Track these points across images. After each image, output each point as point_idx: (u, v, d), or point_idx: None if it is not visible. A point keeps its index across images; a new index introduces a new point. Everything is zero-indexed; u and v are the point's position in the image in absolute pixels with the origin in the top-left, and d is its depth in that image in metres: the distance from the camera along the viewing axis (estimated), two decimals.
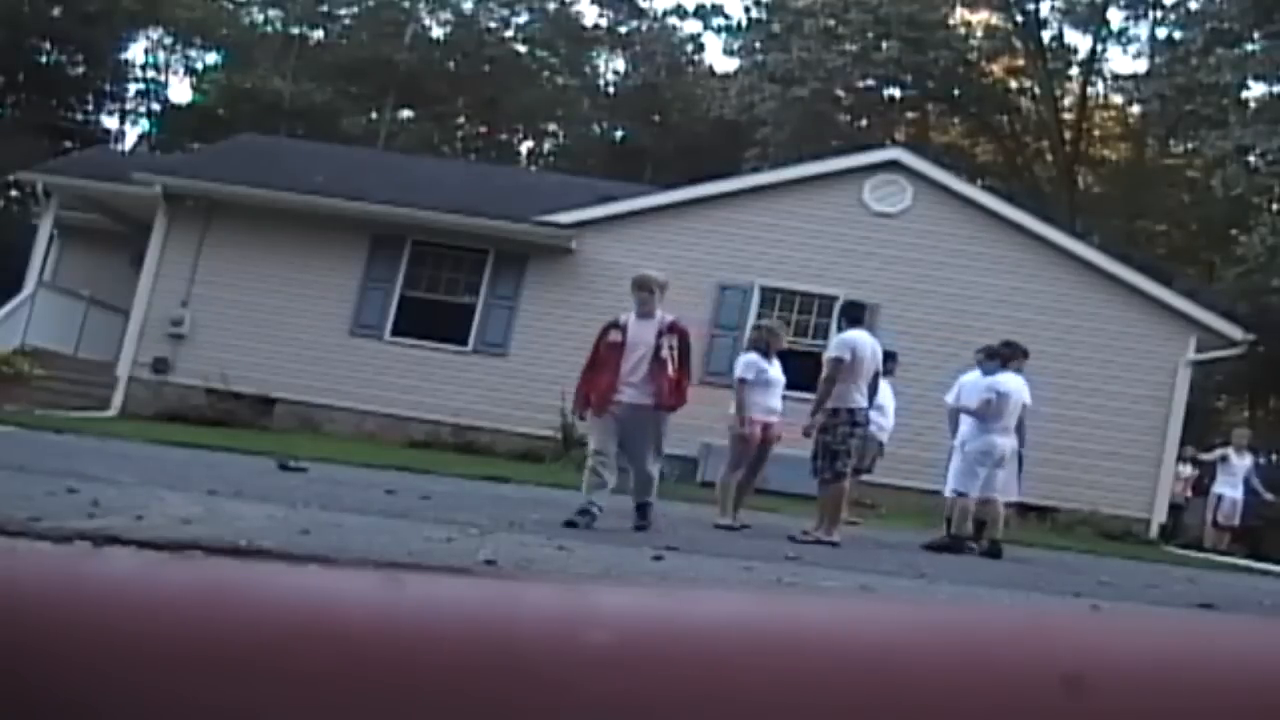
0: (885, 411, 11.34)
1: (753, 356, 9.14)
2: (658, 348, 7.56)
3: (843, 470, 8.52)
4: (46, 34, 33.31)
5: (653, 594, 0.39)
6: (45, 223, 18.38)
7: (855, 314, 9.16)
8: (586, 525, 7.19)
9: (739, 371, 9.12)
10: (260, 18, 40.23)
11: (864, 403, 8.68)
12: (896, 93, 33.78)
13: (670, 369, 7.55)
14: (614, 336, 7.75)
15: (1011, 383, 9.52)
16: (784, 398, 9.30)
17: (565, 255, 16.01)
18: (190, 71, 40.03)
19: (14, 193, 30.75)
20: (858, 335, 8.79)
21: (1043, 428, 15.19)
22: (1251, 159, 25.14)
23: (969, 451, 9.59)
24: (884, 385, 11.35)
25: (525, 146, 42.80)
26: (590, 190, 17.56)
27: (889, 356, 11.47)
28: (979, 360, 9.95)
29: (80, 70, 35.16)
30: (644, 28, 40.67)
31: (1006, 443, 9.58)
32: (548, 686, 0.36)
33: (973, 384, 9.87)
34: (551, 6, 40.14)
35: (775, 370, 9.16)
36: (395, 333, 16.12)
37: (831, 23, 30.53)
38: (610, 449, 7.57)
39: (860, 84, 32.40)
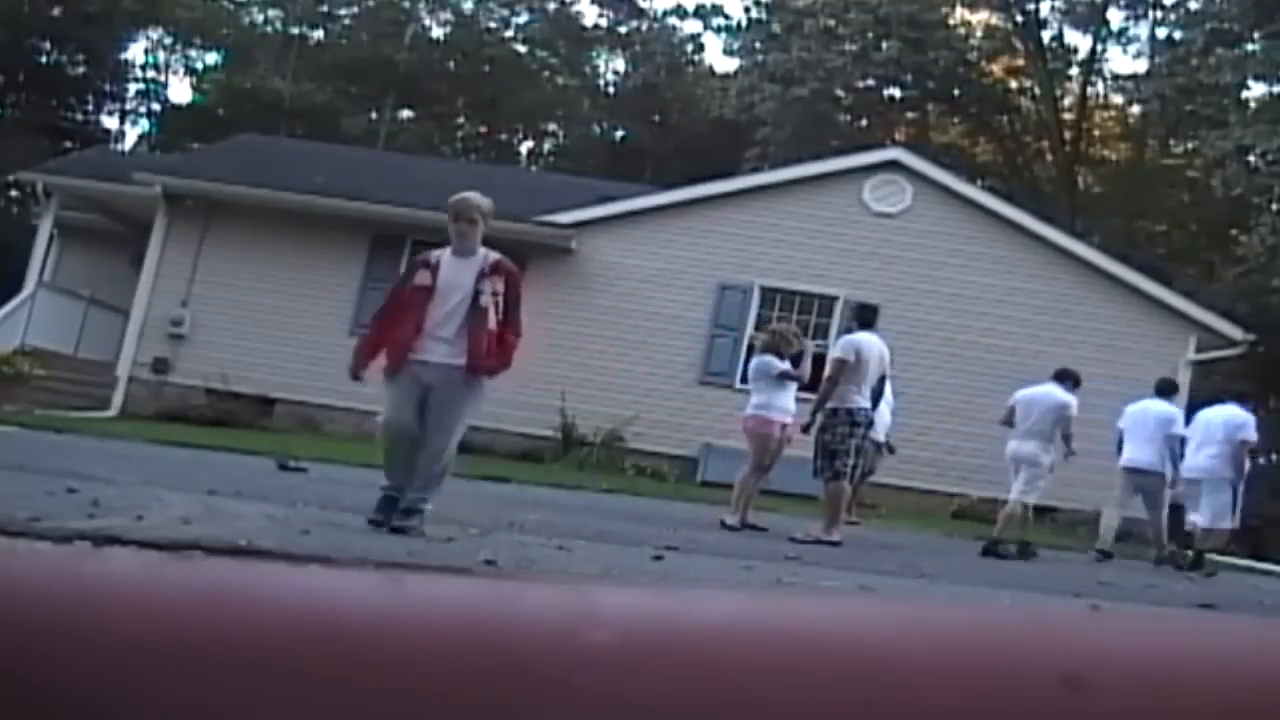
0: (882, 412, 11.38)
1: (769, 358, 9.17)
2: (477, 294, 6.03)
3: (843, 470, 8.52)
4: (46, 34, 33.32)
5: (653, 594, 0.39)
6: (45, 223, 18.38)
7: (867, 316, 9.19)
8: (422, 524, 5.88)
9: (769, 370, 9.11)
10: (260, 18, 40.23)
11: (865, 404, 8.68)
12: (896, 93, 33.78)
13: (492, 321, 6.06)
14: (421, 278, 6.13)
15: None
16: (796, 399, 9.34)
17: (565, 255, 16.01)
18: (190, 71, 40.04)
19: (14, 193, 30.75)
20: (865, 338, 8.79)
21: None
22: (1251, 159, 25.15)
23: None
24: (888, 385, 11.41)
25: (525, 146, 42.80)
26: (590, 190, 17.56)
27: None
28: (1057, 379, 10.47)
29: (80, 70, 35.17)
30: (644, 28, 40.67)
31: (1018, 446, 10.07)
32: (548, 686, 0.36)
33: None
34: (551, 6, 40.14)
35: (787, 366, 9.21)
36: None
37: (831, 23, 30.53)
38: (408, 421, 5.96)
39: (860, 84, 32.40)
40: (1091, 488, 15.06)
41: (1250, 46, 26.09)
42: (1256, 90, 27.13)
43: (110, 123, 37.87)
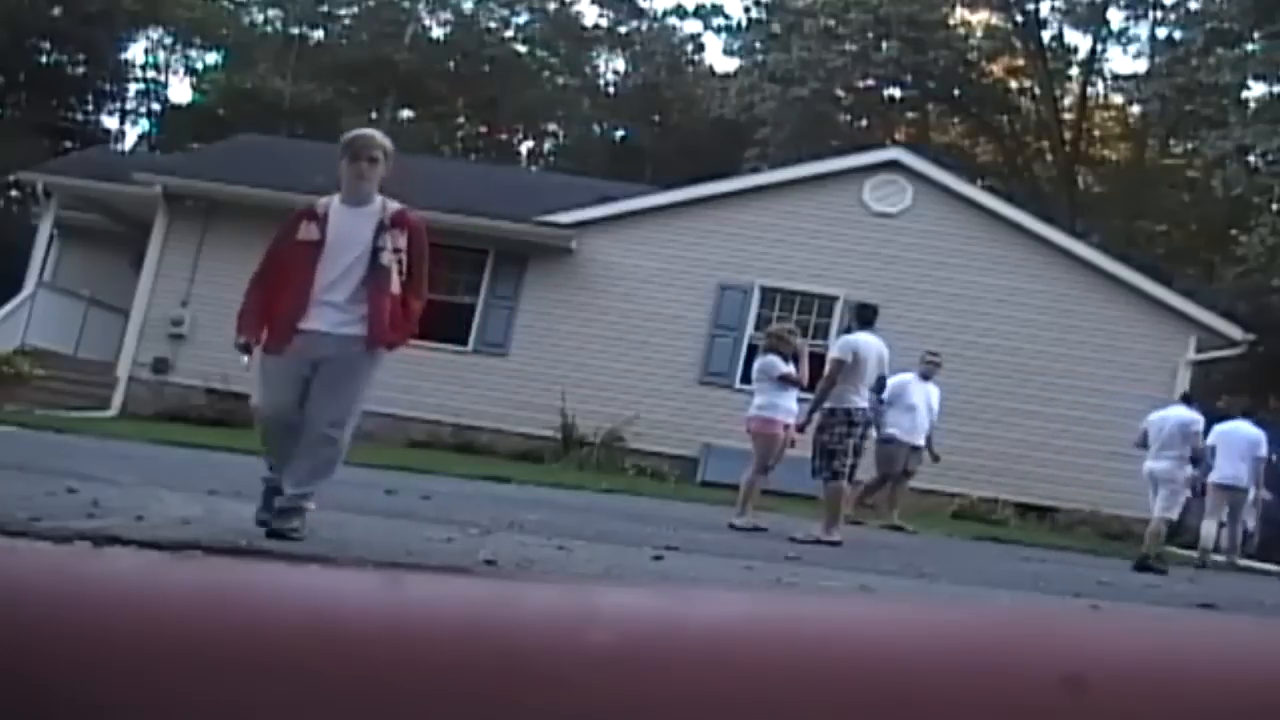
0: (917, 413, 11.43)
1: (772, 358, 9.18)
2: (377, 251, 5.10)
3: (841, 470, 8.53)
4: (46, 34, 33.31)
5: (653, 594, 0.39)
6: (45, 223, 18.38)
7: (867, 316, 9.21)
8: (303, 527, 4.98)
9: (772, 371, 9.12)
10: (260, 18, 40.24)
11: (863, 404, 8.69)
12: (896, 93, 33.79)
13: (394, 284, 5.12)
14: (307, 232, 5.14)
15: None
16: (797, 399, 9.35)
17: (565, 255, 16.01)
18: (190, 71, 40.03)
19: (14, 193, 30.75)
20: (863, 338, 8.79)
21: (1043, 428, 15.25)
22: (1251, 159, 25.15)
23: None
24: (923, 387, 11.44)
25: (525, 146, 42.81)
26: (590, 190, 17.56)
27: (928, 356, 11.62)
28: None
29: (80, 70, 35.16)
30: (644, 28, 40.67)
31: (1154, 465, 10.62)
32: (548, 686, 0.36)
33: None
34: (551, 6, 40.15)
35: (790, 369, 9.22)
36: None
37: (831, 23, 30.53)
38: (291, 404, 5.04)
39: (860, 84, 32.41)
40: (1088, 487, 15.08)
41: (1250, 46, 26.08)
42: (1256, 90, 27.13)
43: (110, 123, 37.89)
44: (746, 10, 37.19)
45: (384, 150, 5.31)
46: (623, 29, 40.83)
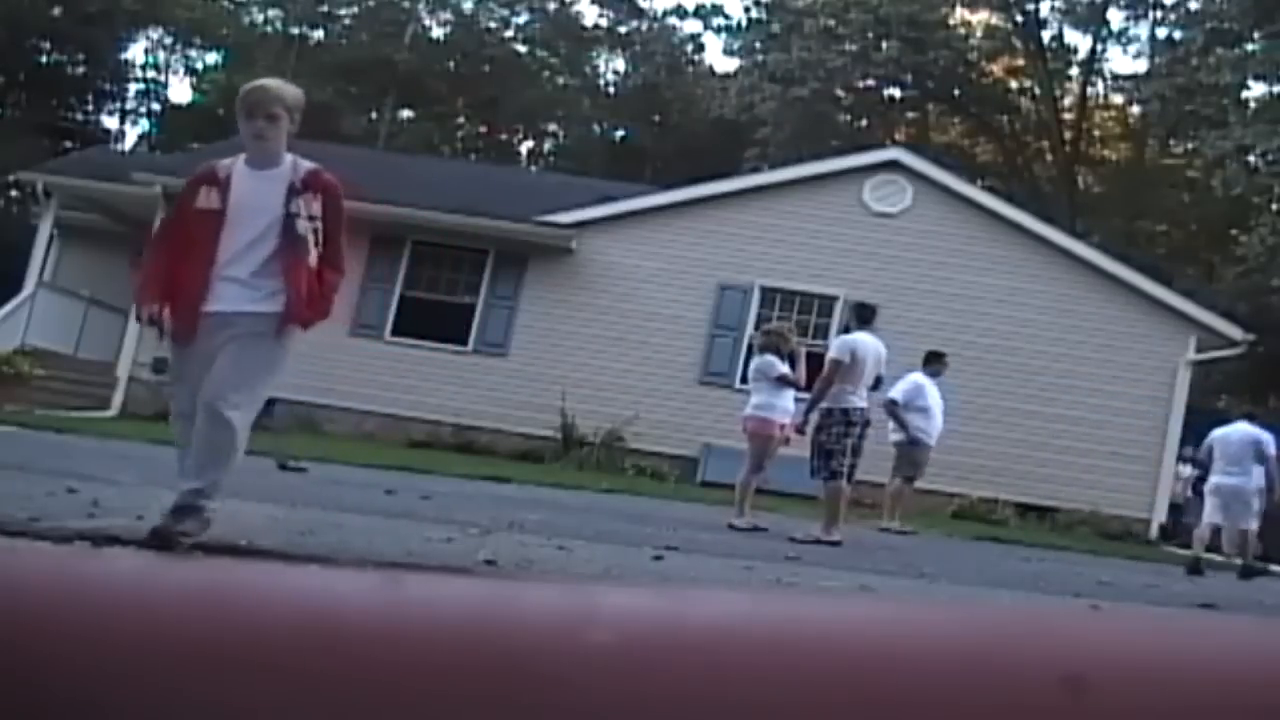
0: (932, 414, 11.41)
1: (769, 358, 9.17)
2: (289, 218, 4.51)
3: (839, 470, 8.52)
4: (46, 34, 33.32)
5: (653, 594, 0.39)
6: (45, 223, 18.37)
7: (865, 315, 9.21)
8: (199, 530, 4.34)
9: (770, 371, 9.11)
10: (260, 18, 40.25)
11: (861, 404, 8.69)
12: (896, 93, 33.81)
13: (310, 256, 4.54)
14: (207, 199, 4.54)
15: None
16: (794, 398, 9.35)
17: (565, 255, 16.01)
18: (190, 71, 40.07)
19: (14, 193, 30.76)
20: (861, 338, 8.79)
21: (1043, 428, 15.26)
22: (1251, 159, 25.16)
23: None
24: (931, 386, 11.43)
25: (525, 146, 42.82)
26: (590, 190, 17.57)
27: (937, 357, 11.59)
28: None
29: (80, 70, 35.18)
30: (644, 28, 40.69)
31: (1221, 481, 10.79)
32: (548, 686, 0.36)
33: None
34: (551, 6, 40.16)
35: (787, 370, 9.22)
36: (395, 333, 16.12)
37: (831, 23, 30.54)
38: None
39: (860, 84, 32.42)
40: (1088, 487, 15.09)
41: (1250, 46, 26.09)
42: (1256, 90, 27.15)
43: (110, 123, 37.91)
44: (746, 10, 37.23)
45: (285, 104, 4.52)
46: (623, 29, 40.85)
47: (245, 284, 4.49)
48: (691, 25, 44.61)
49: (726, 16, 41.24)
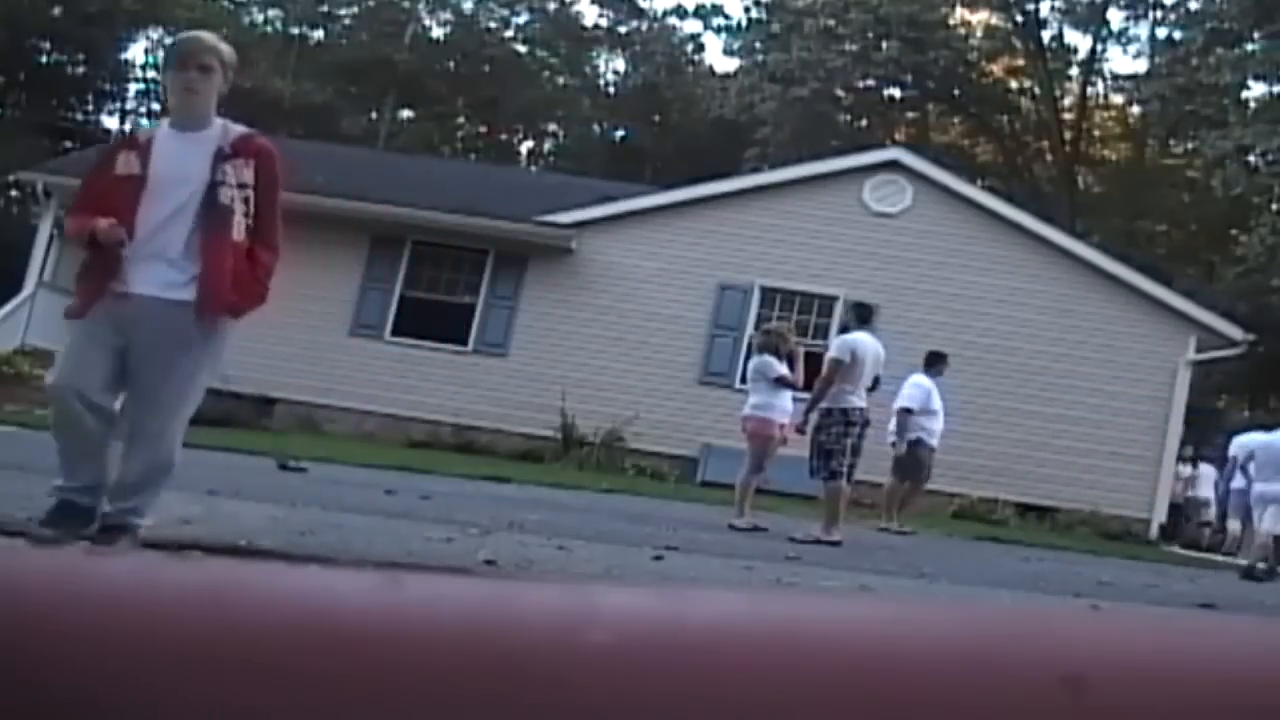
0: (938, 416, 11.41)
1: (767, 358, 9.17)
2: (215, 186, 3.99)
3: (839, 469, 8.53)
4: (46, 34, 33.32)
5: (653, 594, 0.39)
6: (45, 223, 18.36)
7: (864, 315, 9.23)
8: (78, 530, 3.89)
9: (768, 372, 9.12)
10: (260, 18, 40.25)
11: (860, 404, 8.69)
12: (896, 93, 33.82)
13: (238, 229, 4.03)
14: (126, 164, 4.03)
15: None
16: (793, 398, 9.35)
17: (565, 255, 16.01)
18: None
19: (14, 193, 30.75)
20: (860, 338, 8.80)
21: (1043, 428, 15.25)
22: (1251, 159, 25.17)
23: None
24: (935, 388, 11.42)
25: (525, 146, 42.83)
26: (590, 190, 17.57)
27: (939, 357, 11.57)
28: None
29: (80, 70, 35.18)
30: (644, 28, 40.69)
31: (1265, 488, 10.98)
32: (548, 686, 0.36)
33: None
34: (551, 6, 40.16)
35: (785, 371, 9.22)
36: (395, 333, 16.12)
37: (831, 23, 30.55)
38: (93, 384, 3.90)
39: (860, 84, 32.43)
40: (1088, 487, 15.08)
41: (1250, 46, 26.11)
42: (1256, 90, 27.16)
43: (110, 123, 37.88)
44: (746, 10, 37.24)
45: (220, 57, 4.12)
46: (623, 29, 40.85)
47: (171, 264, 3.94)
48: (691, 25, 44.67)
49: (726, 16, 41.28)
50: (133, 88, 38.34)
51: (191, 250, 3.97)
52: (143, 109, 39.14)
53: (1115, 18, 33.28)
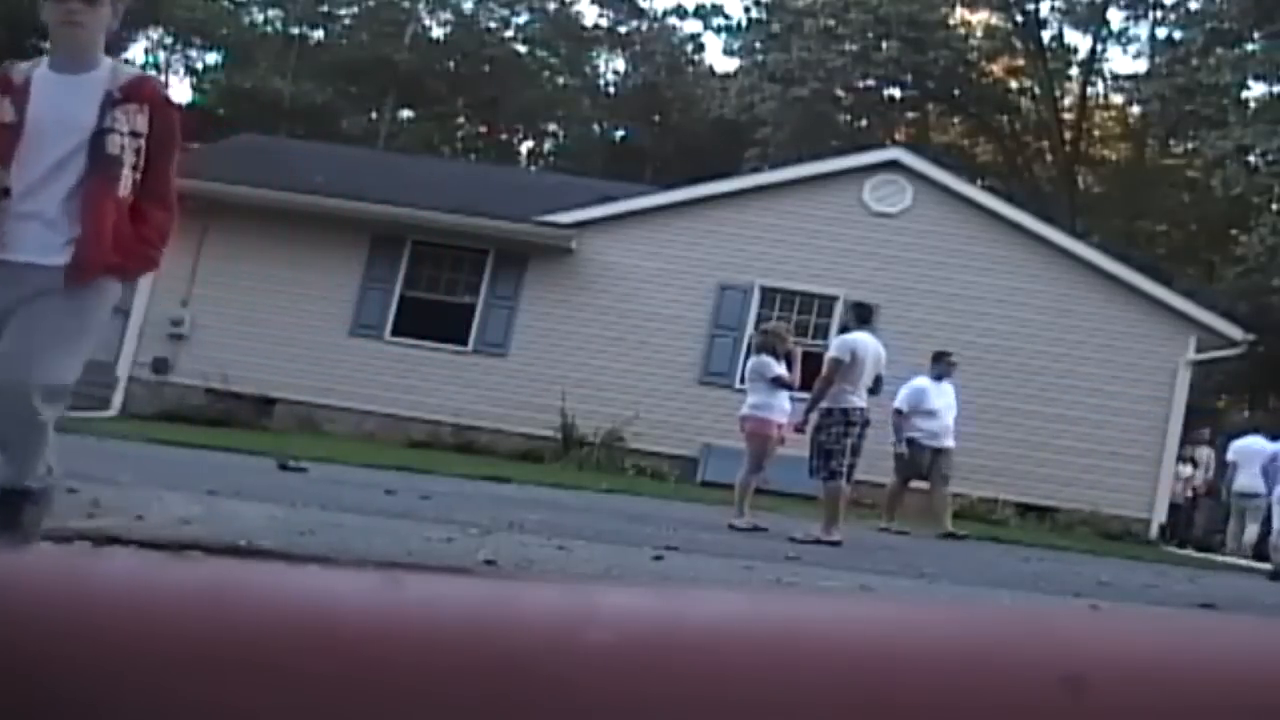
0: (939, 417, 11.31)
1: (765, 358, 9.17)
2: (102, 135, 3.51)
3: (839, 469, 8.53)
4: (46, 34, 33.27)
5: (653, 594, 0.39)
6: None
7: (863, 315, 9.23)
8: (44, 514, 3.66)
9: (765, 372, 9.12)
10: (260, 18, 40.25)
11: (860, 403, 8.69)
12: (896, 93, 33.81)
13: (124, 183, 3.55)
14: None
15: None
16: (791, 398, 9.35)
17: (565, 255, 16.01)
18: (190, 71, 40.06)
19: None
20: (860, 337, 8.80)
21: (1043, 428, 15.25)
22: (1251, 159, 25.17)
23: None
24: (940, 389, 11.33)
25: (525, 146, 42.83)
26: (590, 190, 17.57)
27: (941, 357, 11.53)
28: None
29: None
30: (644, 28, 40.69)
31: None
32: (548, 686, 0.36)
33: None
34: (551, 6, 40.16)
35: (782, 372, 9.22)
36: (395, 333, 16.13)
37: (831, 23, 30.55)
38: None
39: (860, 84, 32.42)
40: (1088, 487, 15.08)
41: (1250, 46, 26.11)
42: (1256, 90, 27.16)
43: None
44: (746, 10, 37.24)
45: None
46: (623, 29, 40.85)
47: (49, 224, 3.49)
48: (691, 25, 44.59)
49: (726, 16, 41.27)
50: None
51: (72, 209, 3.51)
52: None
53: (1115, 18, 33.30)
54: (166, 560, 0.42)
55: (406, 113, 40.51)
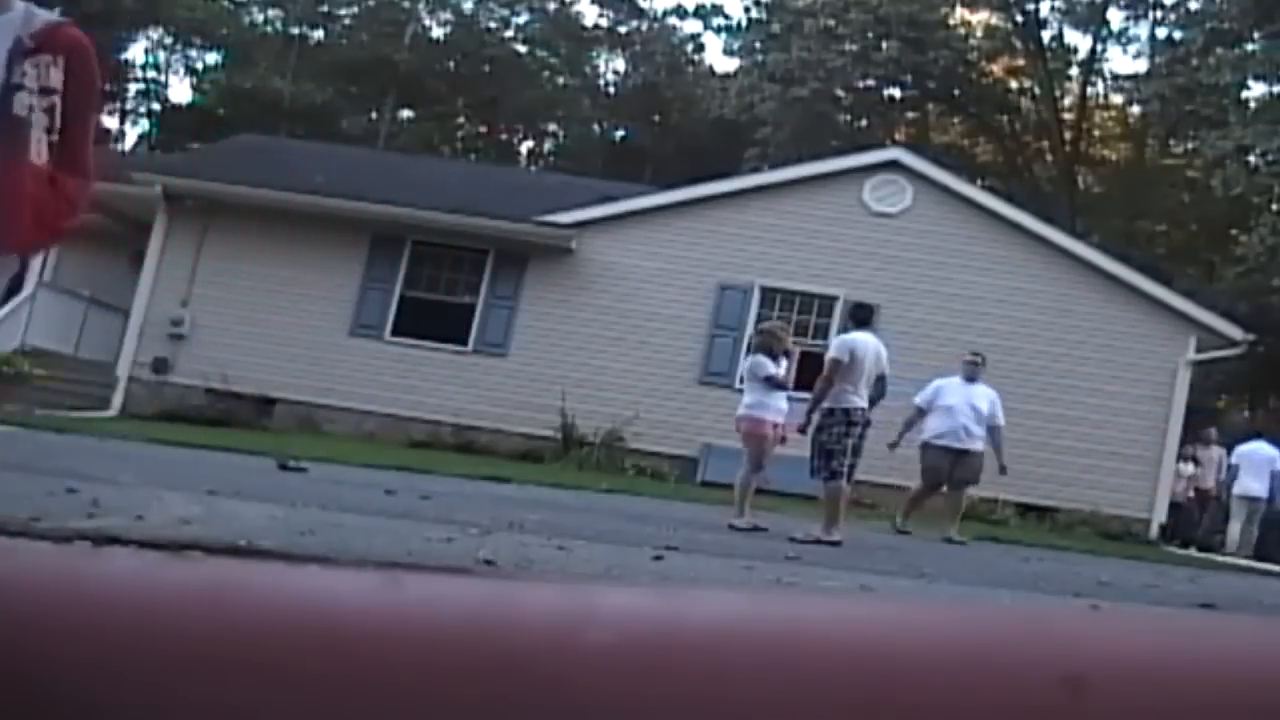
0: (954, 415, 11.00)
1: (762, 358, 9.17)
2: (10, 93, 3.03)
3: (839, 469, 8.52)
4: None
5: (653, 594, 0.39)
6: None
7: (863, 315, 9.21)
8: None
9: (758, 371, 9.11)
10: (260, 18, 40.26)
11: (861, 404, 8.68)
12: (896, 93, 33.82)
13: (37, 146, 3.06)
14: None
15: None
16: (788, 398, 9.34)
17: (565, 255, 16.01)
18: (190, 71, 40.08)
19: None
20: (860, 337, 8.79)
21: (1043, 428, 15.24)
22: (1251, 159, 25.17)
23: None
24: (964, 389, 11.15)
25: (525, 146, 42.84)
26: (590, 190, 17.57)
27: (970, 360, 11.33)
28: None
29: None
30: (644, 28, 40.70)
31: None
32: (548, 686, 0.36)
33: None
34: (551, 6, 40.17)
35: (775, 371, 9.20)
36: (395, 333, 16.13)
37: (831, 23, 30.55)
38: None
39: (860, 84, 32.43)
40: (1088, 487, 15.08)
41: (1250, 46, 26.10)
42: (1256, 90, 27.16)
43: (110, 122, 37.89)
44: (746, 10, 37.27)
45: None
46: (623, 29, 40.86)
47: None
48: (691, 25, 44.66)
49: (726, 16, 41.31)
50: (133, 88, 38.34)
51: None
52: (142, 109, 39.18)
53: (1115, 18, 33.31)
54: (166, 560, 0.42)
55: (406, 113, 40.52)
